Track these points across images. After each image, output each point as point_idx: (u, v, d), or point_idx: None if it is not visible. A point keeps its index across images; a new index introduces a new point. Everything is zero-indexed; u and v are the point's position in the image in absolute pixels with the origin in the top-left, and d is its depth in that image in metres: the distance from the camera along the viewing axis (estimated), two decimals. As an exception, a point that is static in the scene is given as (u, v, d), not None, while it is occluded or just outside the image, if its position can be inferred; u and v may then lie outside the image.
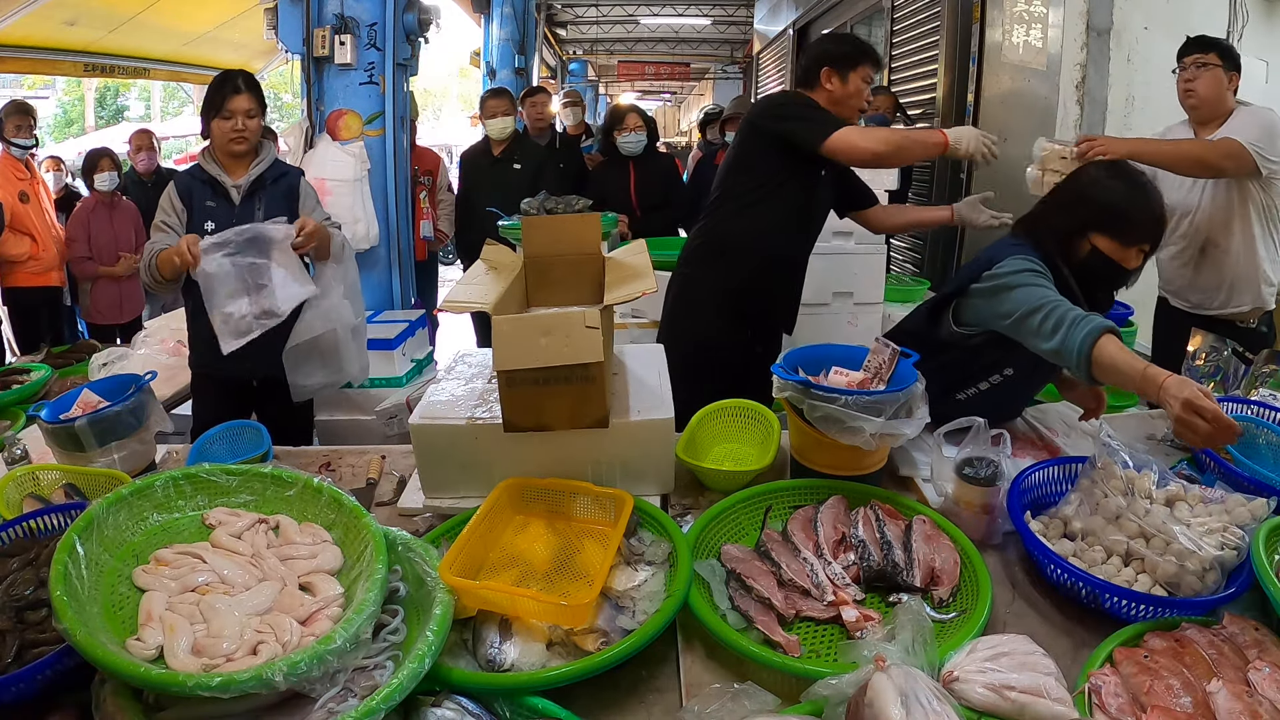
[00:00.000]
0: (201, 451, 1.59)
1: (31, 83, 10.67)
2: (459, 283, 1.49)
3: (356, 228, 3.42)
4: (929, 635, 0.93)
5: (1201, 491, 1.24)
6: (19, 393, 2.11)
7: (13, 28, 4.89)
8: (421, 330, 3.42)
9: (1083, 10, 3.32)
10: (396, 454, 1.72)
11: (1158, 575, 1.09)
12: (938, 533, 1.22)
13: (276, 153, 2.27)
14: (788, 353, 1.48)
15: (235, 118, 2.07)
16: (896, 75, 5.29)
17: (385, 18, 3.46)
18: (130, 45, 6.07)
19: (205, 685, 0.76)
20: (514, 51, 7.43)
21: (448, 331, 4.87)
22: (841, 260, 3.23)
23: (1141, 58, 3.39)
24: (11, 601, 0.95)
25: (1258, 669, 0.92)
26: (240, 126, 2.07)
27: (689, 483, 1.47)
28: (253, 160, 2.16)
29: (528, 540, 1.24)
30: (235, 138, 2.08)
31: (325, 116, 3.49)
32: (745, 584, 1.13)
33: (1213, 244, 2.35)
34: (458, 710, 0.88)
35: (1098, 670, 0.94)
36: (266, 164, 2.17)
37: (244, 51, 6.95)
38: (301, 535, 1.07)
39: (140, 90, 16.48)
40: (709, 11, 13.05)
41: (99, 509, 0.97)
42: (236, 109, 2.07)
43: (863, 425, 1.23)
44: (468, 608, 1.03)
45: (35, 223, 3.79)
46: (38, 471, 1.41)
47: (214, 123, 2.08)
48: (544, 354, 1.19)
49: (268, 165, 2.17)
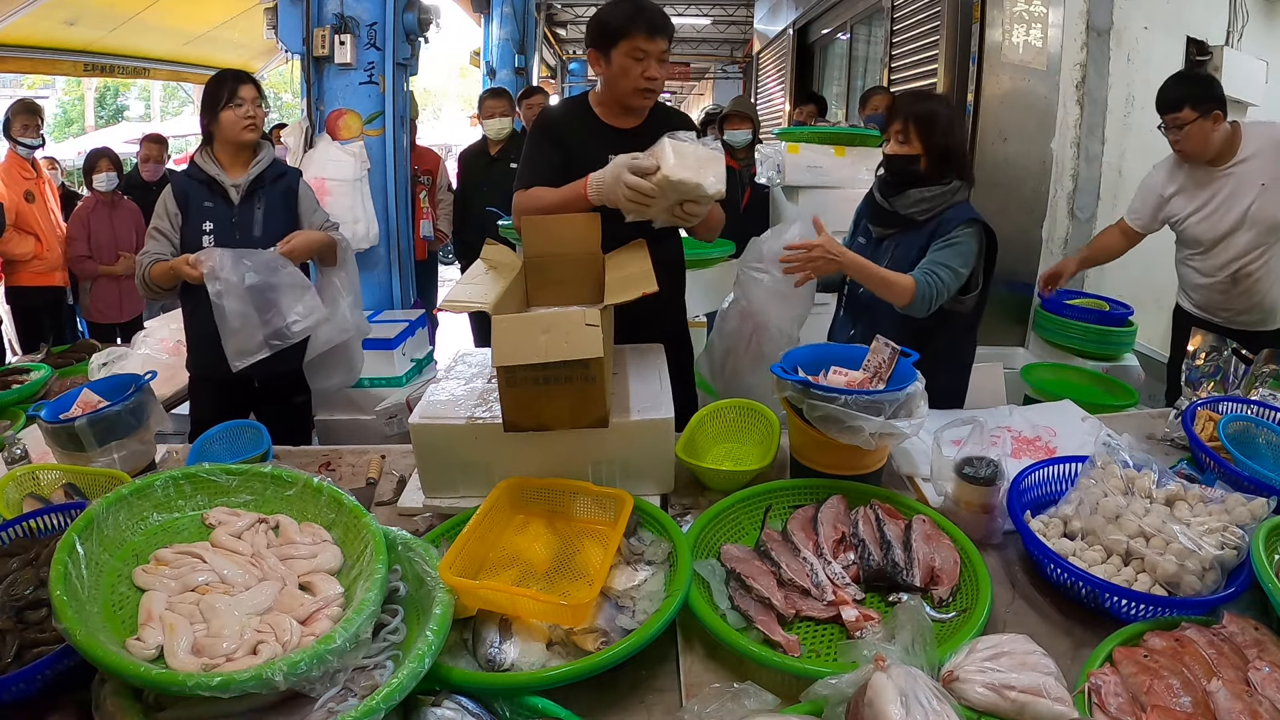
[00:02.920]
0: (201, 451, 1.59)
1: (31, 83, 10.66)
2: (458, 282, 1.49)
3: (356, 228, 3.42)
4: (929, 635, 0.93)
5: (1201, 491, 1.24)
6: (19, 393, 2.11)
7: (13, 28, 4.89)
8: (421, 330, 3.42)
9: (1083, 10, 3.32)
10: (396, 454, 1.71)
11: (1158, 575, 1.09)
12: (938, 532, 1.22)
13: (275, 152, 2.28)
14: (788, 353, 1.48)
15: (246, 104, 2.08)
16: (896, 75, 5.29)
17: (385, 17, 3.46)
18: (130, 45, 6.07)
19: (205, 685, 0.76)
20: (514, 51, 7.43)
21: (448, 331, 4.87)
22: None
23: (1141, 58, 3.39)
24: (11, 601, 0.95)
25: (1258, 669, 0.92)
26: (251, 113, 2.09)
27: (689, 483, 1.47)
28: (252, 159, 2.16)
29: (527, 540, 1.24)
30: (248, 125, 2.09)
31: (325, 116, 3.49)
32: (745, 584, 1.13)
33: (1246, 275, 2.35)
34: (458, 710, 0.88)
35: (1098, 670, 0.94)
36: (266, 163, 2.17)
37: (244, 51, 6.95)
38: (301, 535, 1.07)
39: (140, 90, 16.49)
40: (709, 11, 13.06)
41: (99, 509, 0.97)
42: (247, 96, 2.09)
43: (862, 425, 1.23)
44: (468, 607, 1.03)
45: (40, 222, 3.80)
46: (38, 471, 1.41)
47: (224, 113, 2.08)
48: (543, 350, 1.18)
49: (267, 164, 2.17)
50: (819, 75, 8.21)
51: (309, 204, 2.25)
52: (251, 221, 2.14)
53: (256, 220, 2.14)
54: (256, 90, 2.13)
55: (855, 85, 6.86)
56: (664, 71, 1.76)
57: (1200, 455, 1.44)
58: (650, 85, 1.74)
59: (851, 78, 6.97)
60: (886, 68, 5.45)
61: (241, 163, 2.15)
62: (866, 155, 3.17)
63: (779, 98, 9.22)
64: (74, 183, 6.17)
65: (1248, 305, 2.38)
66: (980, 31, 3.93)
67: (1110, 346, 2.73)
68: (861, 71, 6.79)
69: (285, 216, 2.18)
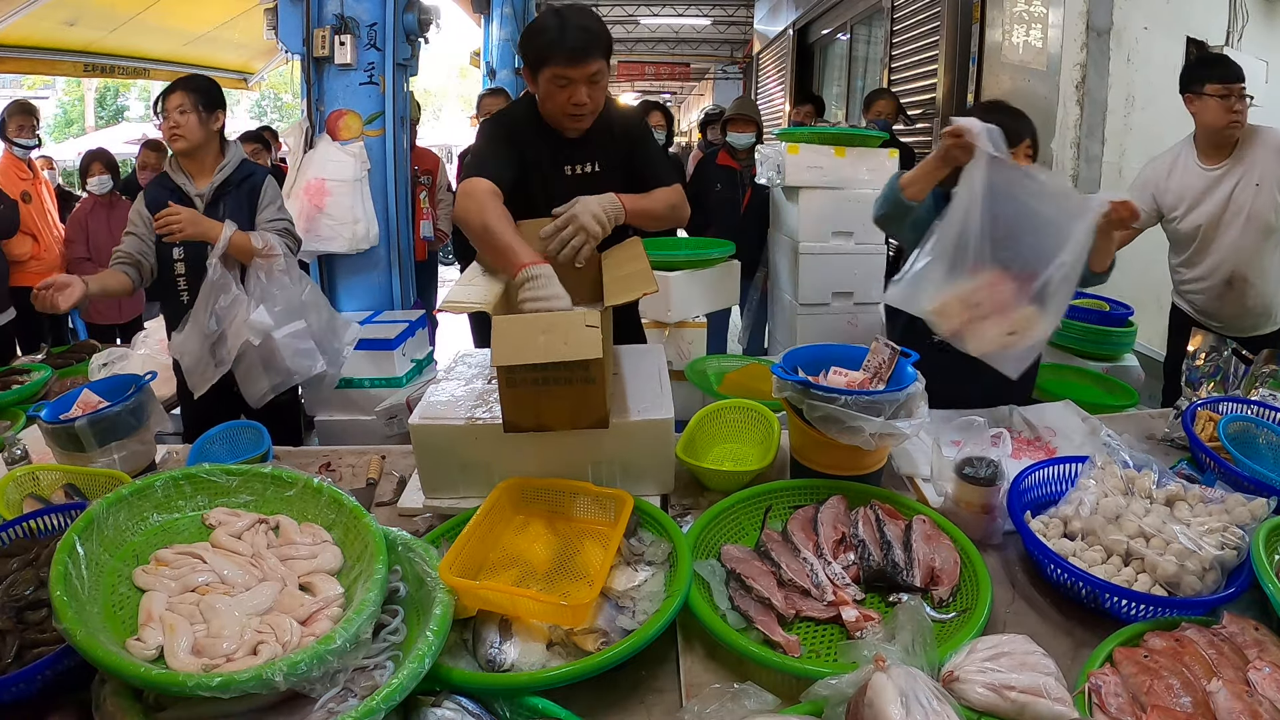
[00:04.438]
0: (201, 451, 1.59)
1: (31, 83, 10.68)
2: (457, 283, 1.48)
3: (356, 228, 3.42)
4: (929, 635, 0.93)
5: (1201, 491, 1.24)
6: (19, 393, 2.11)
7: (13, 28, 4.89)
8: (421, 330, 3.42)
9: (1083, 10, 3.33)
10: (396, 454, 1.71)
11: (1158, 575, 1.09)
12: (938, 532, 1.22)
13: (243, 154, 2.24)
14: (788, 353, 1.48)
15: (169, 114, 2.07)
16: (896, 76, 5.30)
17: (385, 18, 3.46)
18: (130, 45, 6.07)
19: (205, 685, 0.76)
20: (514, 51, 7.42)
21: (448, 331, 4.86)
22: (841, 260, 3.23)
23: (1141, 58, 3.40)
24: (11, 601, 0.95)
25: (1258, 669, 0.92)
26: (175, 122, 2.07)
27: (689, 483, 1.47)
28: (216, 165, 2.14)
29: (528, 540, 1.24)
30: (172, 136, 2.08)
31: (325, 116, 3.49)
32: (745, 584, 1.12)
33: (1240, 278, 2.35)
34: (458, 710, 0.88)
35: (1098, 670, 0.94)
36: (231, 168, 2.14)
37: (244, 51, 6.95)
38: (301, 535, 1.07)
39: (140, 90, 16.49)
40: (709, 11, 13.07)
41: (99, 509, 0.97)
42: (170, 106, 2.07)
43: (862, 425, 1.23)
44: (468, 608, 1.03)
45: (38, 223, 3.80)
46: (38, 471, 1.41)
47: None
48: (543, 350, 1.18)
49: (232, 169, 2.14)
50: (819, 76, 8.22)
51: (267, 199, 2.21)
52: None
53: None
54: (188, 96, 2.08)
55: (855, 86, 6.87)
56: (597, 92, 1.62)
57: (1200, 455, 1.44)
58: (576, 112, 1.62)
59: (851, 78, 6.98)
60: (886, 68, 5.46)
61: (207, 170, 2.13)
62: (866, 156, 3.18)
63: (779, 98, 9.23)
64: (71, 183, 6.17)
65: (1240, 311, 2.39)
66: (980, 32, 3.94)
67: (1110, 346, 2.73)
68: (861, 72, 6.80)
69: (251, 220, 2.16)
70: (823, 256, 3.22)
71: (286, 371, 2.20)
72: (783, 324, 3.58)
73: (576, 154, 1.73)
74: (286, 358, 2.19)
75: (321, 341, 2.30)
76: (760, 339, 4.07)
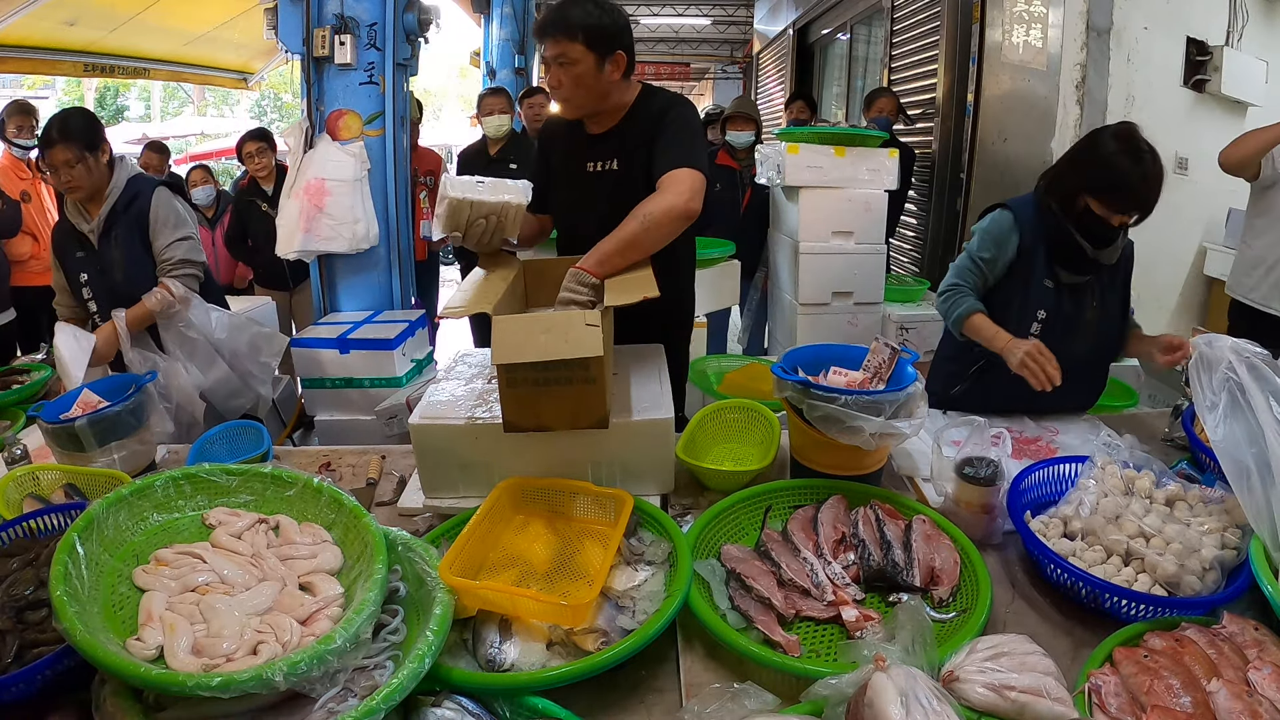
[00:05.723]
0: (201, 451, 1.59)
1: (31, 83, 10.65)
2: (457, 288, 1.48)
3: (356, 228, 3.42)
4: (929, 635, 0.93)
5: (1201, 491, 1.24)
6: (19, 393, 2.11)
7: (13, 28, 4.89)
8: (421, 330, 3.42)
9: (1083, 10, 3.32)
10: (396, 454, 1.71)
11: (1158, 575, 1.09)
12: (938, 532, 1.22)
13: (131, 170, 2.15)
14: (788, 352, 1.49)
15: (59, 172, 1.98)
16: (896, 75, 5.29)
17: (385, 18, 3.45)
18: (130, 45, 6.06)
19: (205, 685, 0.76)
20: (514, 51, 7.42)
21: (448, 332, 4.86)
22: (841, 260, 3.23)
23: (1141, 58, 3.39)
24: (11, 601, 0.95)
25: (1258, 669, 0.92)
26: (66, 178, 1.98)
27: (689, 483, 1.47)
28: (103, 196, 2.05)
29: (528, 540, 1.24)
30: (65, 190, 2.01)
31: (325, 116, 3.49)
32: (745, 584, 1.13)
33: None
34: (458, 710, 0.88)
35: (1098, 670, 0.94)
36: (116, 194, 2.05)
37: (244, 51, 6.94)
38: (301, 535, 1.07)
39: (140, 90, 16.48)
40: (709, 11, 13.06)
41: (99, 509, 0.97)
42: (56, 163, 1.97)
43: (862, 425, 1.23)
44: (468, 608, 1.03)
45: (38, 223, 3.80)
46: (38, 471, 1.41)
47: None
48: (543, 348, 1.18)
49: (118, 195, 2.06)
50: (819, 75, 8.22)
51: (158, 226, 2.09)
52: (112, 264, 2.07)
53: (115, 262, 2.06)
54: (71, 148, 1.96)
55: (855, 85, 6.87)
56: (567, 75, 1.58)
57: (1200, 455, 1.44)
58: (554, 95, 1.63)
59: (851, 78, 6.98)
60: (886, 68, 5.46)
61: (99, 199, 2.05)
62: (866, 155, 3.17)
63: (779, 98, 9.22)
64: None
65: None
66: (980, 32, 3.93)
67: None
68: (861, 72, 6.80)
69: (144, 248, 2.08)
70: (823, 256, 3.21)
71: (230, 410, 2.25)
72: (783, 324, 3.58)
73: (599, 151, 1.72)
74: (218, 402, 2.22)
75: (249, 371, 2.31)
76: (760, 339, 4.07)
